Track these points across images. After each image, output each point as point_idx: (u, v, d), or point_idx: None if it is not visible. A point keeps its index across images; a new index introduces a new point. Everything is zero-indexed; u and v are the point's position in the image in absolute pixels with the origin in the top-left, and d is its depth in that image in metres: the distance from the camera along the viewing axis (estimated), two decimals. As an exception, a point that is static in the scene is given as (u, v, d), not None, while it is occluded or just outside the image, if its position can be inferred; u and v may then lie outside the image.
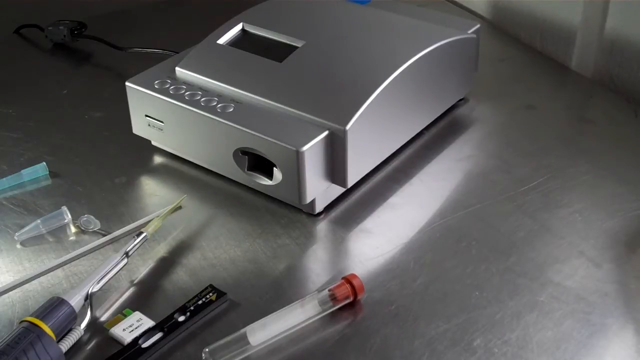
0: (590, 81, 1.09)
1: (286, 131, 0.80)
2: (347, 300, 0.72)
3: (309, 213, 0.84)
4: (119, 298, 0.74)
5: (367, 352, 0.68)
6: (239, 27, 0.94)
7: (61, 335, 0.68)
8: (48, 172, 0.91)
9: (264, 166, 0.82)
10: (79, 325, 0.70)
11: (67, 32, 1.16)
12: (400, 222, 0.83)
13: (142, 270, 0.78)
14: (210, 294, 0.73)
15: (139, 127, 0.91)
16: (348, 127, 0.79)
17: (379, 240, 0.81)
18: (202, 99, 0.85)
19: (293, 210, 0.85)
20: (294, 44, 0.90)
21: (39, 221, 0.82)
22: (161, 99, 0.87)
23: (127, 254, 0.76)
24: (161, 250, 0.80)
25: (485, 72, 1.05)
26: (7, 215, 0.85)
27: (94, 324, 0.72)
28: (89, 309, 0.71)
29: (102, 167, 0.92)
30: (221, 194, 0.87)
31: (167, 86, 0.88)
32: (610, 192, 0.86)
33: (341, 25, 0.95)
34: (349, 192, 0.87)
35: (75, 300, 0.70)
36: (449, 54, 0.93)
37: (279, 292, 0.75)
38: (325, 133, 0.80)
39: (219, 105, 0.84)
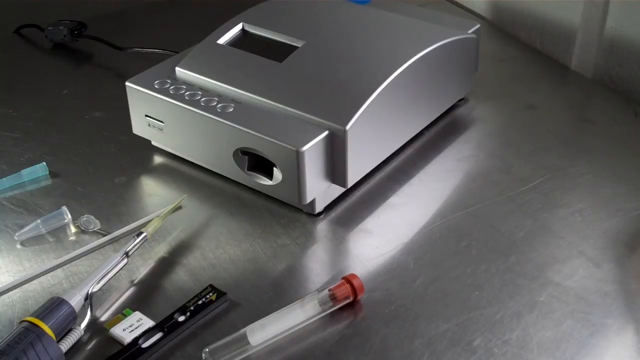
0: (590, 81, 1.09)
1: (286, 131, 0.80)
2: (347, 300, 0.72)
3: (309, 213, 0.84)
4: (119, 298, 0.74)
5: (367, 352, 0.68)
6: (239, 27, 0.94)
7: (61, 335, 0.68)
8: (48, 172, 0.91)
9: (264, 166, 0.82)
10: (79, 325, 0.70)
11: (67, 32, 1.15)
12: (400, 222, 0.83)
13: (142, 270, 0.78)
14: (210, 294, 0.73)
15: (139, 127, 0.92)
16: (348, 127, 0.79)
17: (379, 240, 0.81)
18: (202, 99, 0.85)
19: (293, 210, 0.85)
20: (294, 44, 0.90)
21: (39, 221, 0.82)
22: (161, 99, 0.87)
23: (127, 254, 0.76)
24: (161, 250, 0.80)
25: (485, 72, 1.05)
26: (7, 215, 0.85)
27: (94, 324, 0.72)
28: (89, 309, 0.71)
29: (102, 167, 0.92)
30: (221, 194, 0.87)
31: (167, 86, 0.88)
32: (610, 192, 0.86)
33: (341, 25, 0.95)
34: (349, 192, 0.87)
35: (75, 300, 0.70)
36: (449, 54, 0.93)
37: (279, 292, 0.75)
38: (325, 133, 0.80)
39: (219, 105, 0.84)
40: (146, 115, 0.90)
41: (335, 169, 0.82)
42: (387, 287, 0.75)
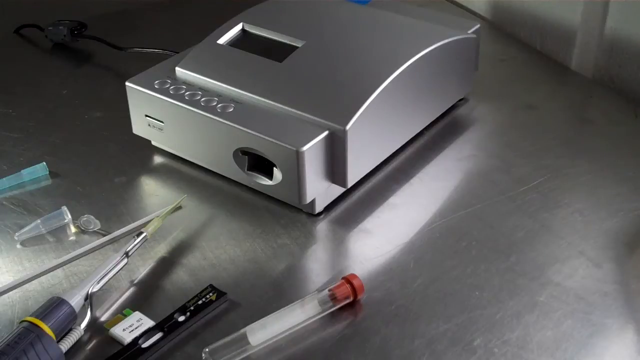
0: (590, 81, 1.09)
1: (286, 131, 0.80)
2: (347, 300, 0.72)
3: (309, 213, 0.84)
4: (119, 298, 0.74)
5: (367, 352, 0.68)
6: (239, 27, 0.94)
7: (61, 335, 0.68)
8: (48, 172, 0.91)
9: (264, 166, 0.82)
10: (79, 325, 0.70)
11: (67, 32, 1.16)
12: (400, 222, 0.83)
13: (142, 270, 0.78)
14: (210, 294, 0.73)
15: (139, 127, 0.92)
16: (348, 127, 0.79)
17: (379, 240, 0.81)
18: (202, 99, 0.85)
19: (293, 210, 0.85)
20: (294, 44, 0.90)
21: (39, 221, 0.82)
22: (161, 99, 0.87)
23: (127, 254, 0.76)
24: (161, 250, 0.80)
25: (485, 72, 1.05)
26: (7, 215, 0.85)
27: (94, 324, 0.72)
28: (89, 309, 0.71)
29: (102, 167, 0.92)
30: (221, 194, 0.87)
31: (167, 86, 0.88)
32: (610, 192, 0.86)
33: (341, 25, 0.95)
34: (349, 192, 0.87)
35: (75, 300, 0.70)
36: (449, 54, 0.93)
37: (279, 292, 0.75)
38: (325, 133, 0.80)
39: (219, 105, 0.84)
40: (146, 115, 0.90)
41: (335, 169, 0.82)
42: (387, 287, 0.75)
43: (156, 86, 0.88)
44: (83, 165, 0.92)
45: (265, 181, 0.83)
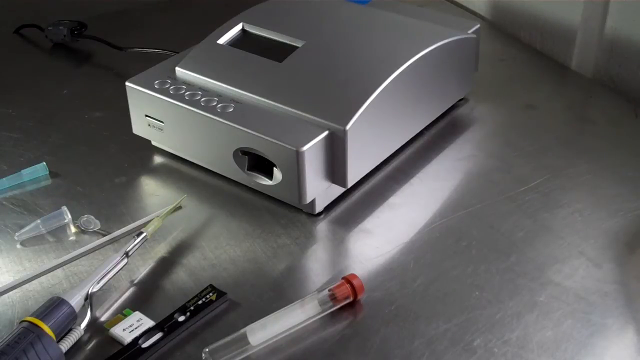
0: (590, 81, 1.09)
1: (286, 131, 0.80)
2: (347, 300, 0.72)
3: (309, 213, 0.84)
4: (119, 298, 0.74)
5: (367, 352, 0.68)
6: (239, 27, 0.94)
7: (61, 335, 0.68)
8: (48, 172, 0.91)
9: (264, 166, 0.82)
10: (79, 325, 0.70)
11: (67, 32, 1.16)
12: (400, 222, 0.83)
13: (142, 270, 0.78)
14: (210, 294, 0.73)
15: (139, 127, 0.92)
16: (348, 127, 0.79)
17: (379, 240, 0.81)
18: (202, 99, 0.85)
19: (293, 210, 0.85)
20: (294, 44, 0.90)
21: (39, 221, 0.82)
22: (161, 99, 0.87)
23: (127, 254, 0.76)
24: (161, 250, 0.80)
25: (485, 72, 1.05)
26: (7, 215, 0.85)
27: (94, 324, 0.72)
28: (89, 309, 0.71)
29: (102, 167, 0.92)
30: (221, 194, 0.87)
31: (167, 86, 0.88)
32: (610, 192, 0.86)
33: (341, 25, 0.95)
34: (349, 192, 0.87)
35: (75, 300, 0.70)
36: (449, 54, 0.93)
37: (279, 292, 0.75)
38: (325, 133, 0.80)
39: (219, 105, 0.84)
40: (146, 115, 0.90)
41: (335, 169, 0.82)
42: (387, 287, 0.75)
43: (156, 86, 0.88)
44: (83, 165, 0.92)
45: (265, 181, 0.83)
